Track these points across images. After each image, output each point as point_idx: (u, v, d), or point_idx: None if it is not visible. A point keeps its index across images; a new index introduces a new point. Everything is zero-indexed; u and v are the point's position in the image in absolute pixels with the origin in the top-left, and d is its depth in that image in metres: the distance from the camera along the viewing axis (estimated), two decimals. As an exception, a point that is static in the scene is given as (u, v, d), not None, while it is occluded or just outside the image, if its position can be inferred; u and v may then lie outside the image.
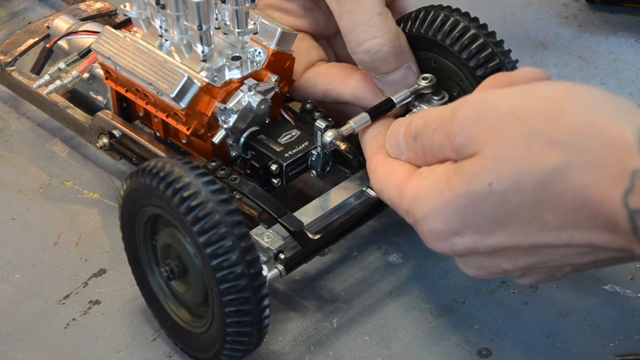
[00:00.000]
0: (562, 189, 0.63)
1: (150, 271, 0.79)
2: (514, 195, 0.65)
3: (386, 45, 0.80)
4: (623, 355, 0.79)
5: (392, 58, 0.81)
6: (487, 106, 0.66)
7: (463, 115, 0.67)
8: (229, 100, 0.81)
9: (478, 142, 0.66)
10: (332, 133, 0.80)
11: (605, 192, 0.62)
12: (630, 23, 1.10)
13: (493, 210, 0.66)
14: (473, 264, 0.70)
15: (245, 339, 0.74)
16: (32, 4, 1.13)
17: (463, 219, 0.67)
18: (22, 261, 0.87)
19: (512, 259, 0.68)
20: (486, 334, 0.81)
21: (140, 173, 0.73)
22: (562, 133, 0.63)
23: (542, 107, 0.64)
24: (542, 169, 0.63)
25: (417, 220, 0.70)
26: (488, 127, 0.66)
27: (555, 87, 0.66)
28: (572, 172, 0.62)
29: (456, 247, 0.69)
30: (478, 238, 0.67)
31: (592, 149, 0.62)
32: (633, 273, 0.85)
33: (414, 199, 0.70)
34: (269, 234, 0.78)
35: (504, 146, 0.65)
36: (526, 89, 0.67)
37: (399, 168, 0.73)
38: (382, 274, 0.85)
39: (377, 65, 0.81)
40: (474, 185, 0.66)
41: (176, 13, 0.79)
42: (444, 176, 0.68)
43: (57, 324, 0.82)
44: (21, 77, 0.97)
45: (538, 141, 0.64)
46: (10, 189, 0.93)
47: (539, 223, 0.65)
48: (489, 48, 0.80)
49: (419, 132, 0.71)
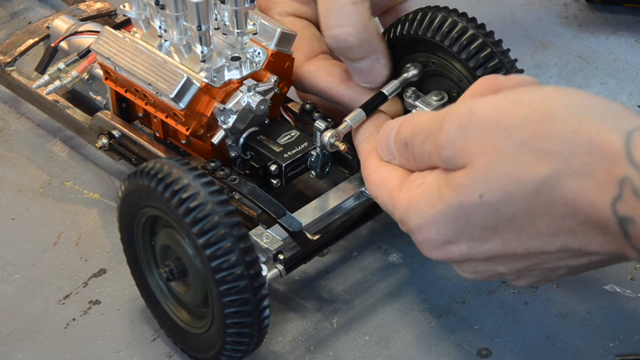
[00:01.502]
0: (553, 198, 0.63)
1: (150, 272, 0.79)
2: (505, 205, 0.65)
3: (352, 35, 0.80)
4: (623, 355, 0.79)
5: (358, 49, 0.81)
6: (472, 117, 0.66)
7: (449, 127, 0.67)
8: (228, 100, 0.81)
9: (466, 154, 0.66)
10: (331, 133, 0.80)
11: (595, 200, 0.62)
12: (630, 23, 1.10)
13: (485, 220, 0.66)
14: (469, 268, 0.71)
15: (246, 339, 0.74)
16: (32, 4, 1.13)
17: (456, 229, 0.67)
18: (22, 261, 0.87)
19: (508, 264, 0.68)
20: (486, 334, 0.81)
21: (138, 174, 0.73)
22: (549, 142, 0.63)
23: (527, 116, 0.64)
24: (532, 180, 0.63)
25: (410, 230, 0.70)
26: (475, 139, 0.66)
27: (540, 94, 0.65)
28: (562, 181, 0.63)
29: (451, 255, 0.69)
30: (472, 245, 0.68)
31: (580, 157, 0.62)
32: (633, 273, 0.85)
33: (406, 209, 0.70)
34: (268, 235, 0.78)
35: (492, 158, 0.65)
36: (511, 96, 0.66)
37: (391, 175, 0.73)
38: (382, 274, 0.85)
39: (342, 52, 0.82)
40: (465, 197, 0.66)
41: (175, 13, 0.79)
42: (435, 186, 0.68)
43: (57, 324, 0.82)
44: (21, 78, 0.97)
45: (526, 151, 0.64)
46: (10, 189, 0.94)
47: (532, 230, 0.65)
48: (488, 48, 0.80)
49: (408, 140, 0.71)
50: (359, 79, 0.83)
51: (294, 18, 0.88)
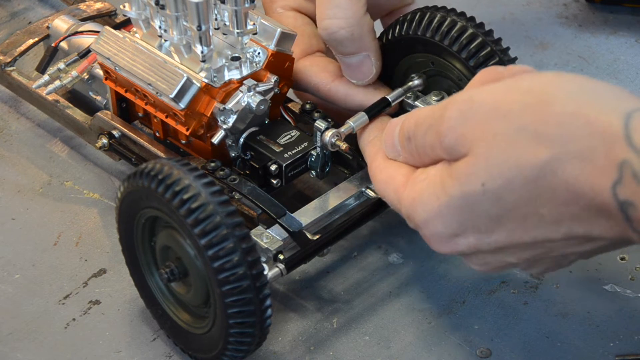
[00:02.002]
0: (554, 183, 0.63)
1: (149, 273, 0.79)
2: (507, 193, 0.64)
3: (344, 29, 0.81)
4: (623, 355, 0.79)
5: (349, 43, 0.81)
6: (473, 104, 0.66)
7: (450, 115, 0.67)
8: (228, 100, 0.81)
9: (467, 141, 0.66)
10: (332, 133, 0.80)
11: (595, 184, 0.61)
12: (630, 23, 1.10)
13: (489, 210, 0.66)
14: (478, 261, 0.70)
15: (248, 339, 0.74)
16: (32, 4, 1.13)
17: (461, 221, 0.67)
18: (22, 261, 0.87)
19: (516, 254, 0.68)
20: (486, 334, 0.81)
21: (138, 175, 0.73)
22: (548, 127, 0.63)
23: (527, 101, 0.64)
24: (531, 165, 0.63)
25: (417, 226, 0.70)
26: (475, 125, 0.65)
27: (540, 79, 0.65)
28: (562, 166, 0.62)
29: (459, 248, 0.69)
30: (479, 237, 0.67)
31: (580, 141, 0.61)
32: (633, 273, 0.85)
33: (411, 204, 0.70)
34: (268, 235, 0.78)
35: (492, 144, 0.64)
36: (511, 83, 0.66)
37: (397, 172, 0.73)
38: (382, 274, 0.85)
39: (333, 45, 0.82)
40: (468, 186, 0.66)
41: (175, 13, 0.79)
42: (438, 178, 0.68)
43: (57, 324, 0.82)
44: (21, 78, 0.97)
45: (525, 137, 0.63)
46: (10, 189, 0.94)
47: (536, 218, 0.65)
48: (488, 47, 0.80)
49: (411, 133, 0.71)
50: (347, 73, 0.84)
51: (295, 13, 0.88)
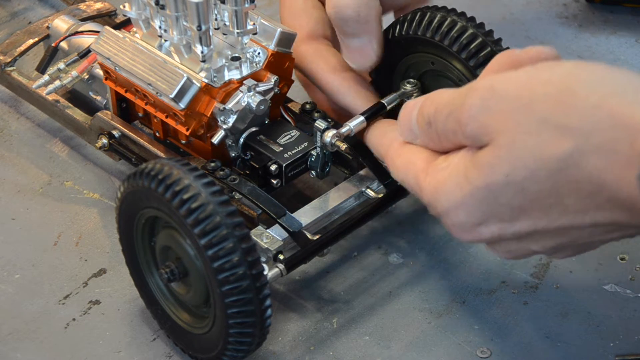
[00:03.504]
0: (577, 175, 0.63)
1: (149, 273, 0.79)
2: (530, 184, 0.64)
3: (350, 9, 0.81)
4: (623, 355, 0.79)
5: (354, 23, 0.81)
6: (494, 93, 0.66)
7: (472, 103, 0.66)
8: (228, 100, 0.81)
9: (490, 130, 0.66)
10: (332, 134, 0.80)
11: (619, 176, 0.61)
12: (630, 23, 1.10)
13: (512, 200, 0.66)
14: (502, 248, 0.70)
15: (248, 339, 0.74)
16: (32, 4, 1.13)
17: (485, 211, 0.67)
18: (22, 261, 0.87)
19: (540, 242, 0.68)
20: (486, 334, 0.81)
21: (138, 175, 0.73)
22: (571, 118, 0.62)
23: (549, 91, 0.64)
24: (555, 157, 0.63)
25: (439, 214, 0.70)
26: (498, 115, 0.65)
27: (561, 69, 0.65)
28: (585, 157, 0.62)
29: (483, 236, 0.69)
30: (502, 226, 0.67)
31: (603, 133, 0.61)
32: (633, 273, 0.85)
33: (434, 193, 0.70)
34: (268, 235, 0.78)
35: (515, 135, 0.64)
36: (532, 72, 0.66)
37: (416, 157, 0.73)
38: (382, 274, 0.85)
39: (339, 24, 0.82)
40: (491, 177, 0.65)
41: (175, 13, 0.79)
42: (461, 168, 0.68)
43: (57, 324, 0.82)
44: (21, 78, 0.97)
45: (548, 128, 0.63)
46: (10, 189, 0.93)
47: (560, 207, 0.65)
48: (488, 47, 0.80)
49: (431, 118, 0.70)
50: (348, 56, 0.84)
51: None
